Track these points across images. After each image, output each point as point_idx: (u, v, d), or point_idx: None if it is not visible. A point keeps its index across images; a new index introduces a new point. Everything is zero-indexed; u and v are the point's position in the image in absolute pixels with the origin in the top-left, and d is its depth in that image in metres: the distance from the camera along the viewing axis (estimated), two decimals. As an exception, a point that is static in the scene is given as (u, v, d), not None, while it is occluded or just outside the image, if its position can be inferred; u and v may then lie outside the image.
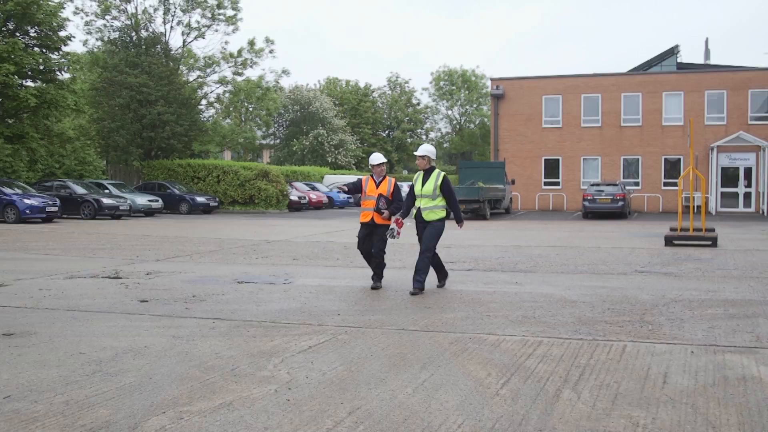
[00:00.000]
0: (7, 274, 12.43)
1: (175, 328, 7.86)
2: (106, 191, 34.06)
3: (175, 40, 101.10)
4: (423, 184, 10.46)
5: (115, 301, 9.74)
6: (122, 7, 44.67)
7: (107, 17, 44.81)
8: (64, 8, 36.51)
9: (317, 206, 43.23)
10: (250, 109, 62.04)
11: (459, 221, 10.82)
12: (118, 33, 44.93)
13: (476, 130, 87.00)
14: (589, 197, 33.20)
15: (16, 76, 33.39)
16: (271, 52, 50.44)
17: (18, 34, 35.01)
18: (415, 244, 18.46)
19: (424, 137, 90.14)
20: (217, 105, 53.64)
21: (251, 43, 49.64)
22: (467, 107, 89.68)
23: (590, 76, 44.01)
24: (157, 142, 42.66)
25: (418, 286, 10.24)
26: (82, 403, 5.19)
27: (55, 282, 11.57)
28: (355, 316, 8.60)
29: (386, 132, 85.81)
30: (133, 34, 44.70)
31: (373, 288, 10.83)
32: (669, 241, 18.48)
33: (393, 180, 10.93)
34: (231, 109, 56.33)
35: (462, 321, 8.23)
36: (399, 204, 10.76)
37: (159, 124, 41.86)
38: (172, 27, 47.12)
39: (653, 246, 18.33)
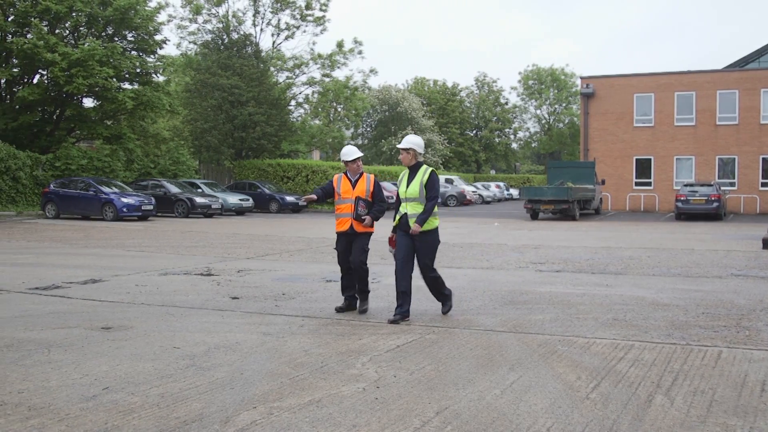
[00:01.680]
0: (105, 270, 12.87)
1: (266, 325, 8.00)
2: (199, 190, 34.87)
3: (264, 42, 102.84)
4: (408, 185, 8.46)
5: (208, 297, 9.97)
6: (213, 11, 45.73)
7: (199, 20, 45.95)
8: (159, 13, 37.60)
9: (404, 206, 43.17)
10: (339, 110, 62.64)
11: (419, 222, 8.27)
12: (210, 36, 46.00)
13: (565, 129, 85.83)
14: (682, 198, 32.32)
15: (115, 79, 34.53)
16: (360, 53, 50.84)
17: (116, 39, 36.21)
18: (504, 243, 18.31)
19: (512, 136, 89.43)
20: (306, 105, 54.33)
21: (340, 45, 50.12)
22: (556, 106, 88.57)
23: (684, 73, 42.81)
24: (247, 142, 43.47)
25: (448, 304, 8.78)
26: (176, 396, 5.34)
27: (150, 278, 11.92)
28: (443, 316, 8.60)
29: (474, 131, 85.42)
30: (225, 36, 45.66)
31: (360, 311, 8.88)
32: (767, 244, 17.84)
33: (372, 177, 9.13)
34: (319, 109, 56.98)
35: (551, 323, 8.13)
36: (382, 206, 9.01)
37: (250, 124, 42.66)
38: (261, 29, 48.04)
39: (750, 249, 17.73)
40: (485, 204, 53.75)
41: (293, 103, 52.37)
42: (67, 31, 36.37)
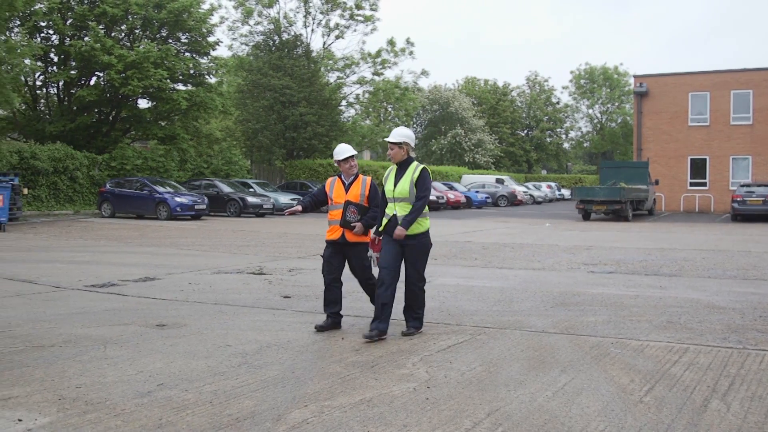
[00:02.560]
0: (159, 269, 13.07)
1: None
2: (251, 190, 35.16)
3: (315, 42, 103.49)
4: (396, 183, 7.43)
5: (260, 296, 10.06)
6: (264, 13, 46.16)
7: (250, 22, 46.41)
8: (212, 15, 38.07)
9: (455, 206, 43.11)
10: (389, 110, 62.78)
11: (403, 225, 7.29)
12: (261, 37, 46.43)
13: (618, 129, 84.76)
14: (738, 199, 31.66)
15: (169, 81, 35.08)
16: (410, 53, 50.84)
17: (170, 41, 36.78)
18: (556, 243, 18.13)
19: (563, 136, 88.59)
20: (356, 105, 54.56)
21: (391, 42, 50.17)
22: (608, 105, 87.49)
23: (740, 71, 41.89)
24: (299, 142, 43.76)
25: (415, 326, 7.57)
26: (228, 393, 5.40)
27: (203, 277, 12.07)
28: (494, 316, 8.55)
29: (525, 131, 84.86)
30: (276, 37, 46.05)
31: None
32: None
33: (368, 180, 7.95)
34: (370, 109, 57.16)
35: (603, 325, 8.04)
36: (377, 212, 7.82)
37: (301, 124, 42.96)
38: (312, 30, 48.34)
39: (810, 251, 17.31)
40: (536, 204, 53.37)
41: (344, 103, 52.63)
42: (123, 34, 37.04)
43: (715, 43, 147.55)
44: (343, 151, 7.92)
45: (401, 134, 7.50)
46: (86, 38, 33.77)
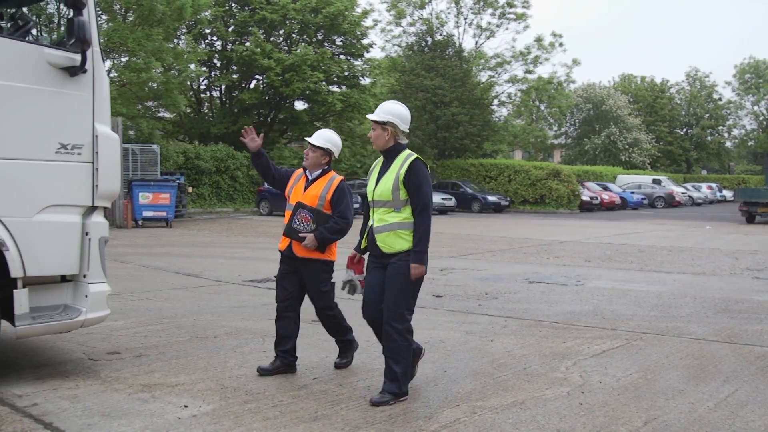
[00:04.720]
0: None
1: (468, 323, 8.05)
2: (402, 190, 35.49)
3: (466, 42, 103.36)
4: (377, 181, 5.40)
5: (411, 295, 10.15)
6: (416, 14, 46.58)
7: (402, 24, 46.94)
8: (366, 18, 38.77)
9: (609, 207, 41.98)
10: (542, 108, 61.86)
11: (417, 260, 5.21)
12: (413, 38, 46.86)
13: (786, 126, 79.92)
14: None
15: (325, 83, 36.02)
16: (560, 45, 49.89)
17: (326, 44, 37.75)
18: (717, 247, 17.41)
19: (726, 134, 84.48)
20: (508, 104, 54.07)
21: (538, 39, 49.41)
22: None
23: None
24: (450, 142, 43.81)
25: (391, 390, 5.12)
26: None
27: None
28: (651, 322, 8.29)
29: (684, 130, 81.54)
30: (428, 38, 46.35)
31: (338, 365, 6.20)
32: None
33: (337, 180, 6.09)
34: (522, 108, 56.52)
35: (770, 334, 7.65)
36: (341, 222, 6.03)
37: (453, 124, 42.98)
38: (464, 30, 48.31)
39: None
40: (695, 206, 51.20)
41: (495, 102, 52.26)
42: (281, 38, 38.30)
43: None
44: (316, 136, 6.15)
45: (386, 110, 5.37)
46: (247, 43, 35.15)
